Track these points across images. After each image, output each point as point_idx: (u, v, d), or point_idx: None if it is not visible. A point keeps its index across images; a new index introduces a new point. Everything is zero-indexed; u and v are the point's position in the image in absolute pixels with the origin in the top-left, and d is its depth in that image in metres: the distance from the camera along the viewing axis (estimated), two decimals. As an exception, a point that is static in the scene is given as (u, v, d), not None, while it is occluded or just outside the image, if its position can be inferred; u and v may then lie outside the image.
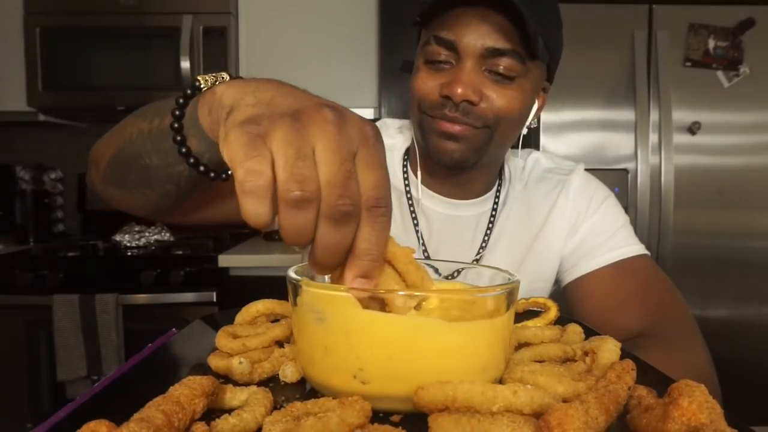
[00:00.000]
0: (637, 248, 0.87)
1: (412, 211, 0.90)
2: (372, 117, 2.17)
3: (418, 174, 0.90)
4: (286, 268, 0.44)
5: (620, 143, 1.93)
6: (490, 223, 0.90)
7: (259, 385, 0.42)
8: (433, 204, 0.90)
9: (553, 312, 0.57)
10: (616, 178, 1.91)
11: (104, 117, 2.22)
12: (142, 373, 0.46)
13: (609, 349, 0.44)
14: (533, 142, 1.91)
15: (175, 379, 0.35)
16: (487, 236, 0.90)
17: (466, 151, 0.79)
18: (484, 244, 0.89)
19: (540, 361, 0.47)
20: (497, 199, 0.92)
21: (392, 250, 0.40)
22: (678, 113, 1.91)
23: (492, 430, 0.31)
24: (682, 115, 1.92)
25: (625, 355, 0.45)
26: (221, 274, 1.91)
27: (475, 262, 0.88)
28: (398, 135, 0.95)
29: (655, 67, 1.90)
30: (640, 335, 0.78)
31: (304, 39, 2.22)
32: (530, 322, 0.56)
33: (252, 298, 0.55)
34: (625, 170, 1.93)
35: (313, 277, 0.43)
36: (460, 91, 0.74)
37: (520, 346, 0.50)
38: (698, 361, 0.76)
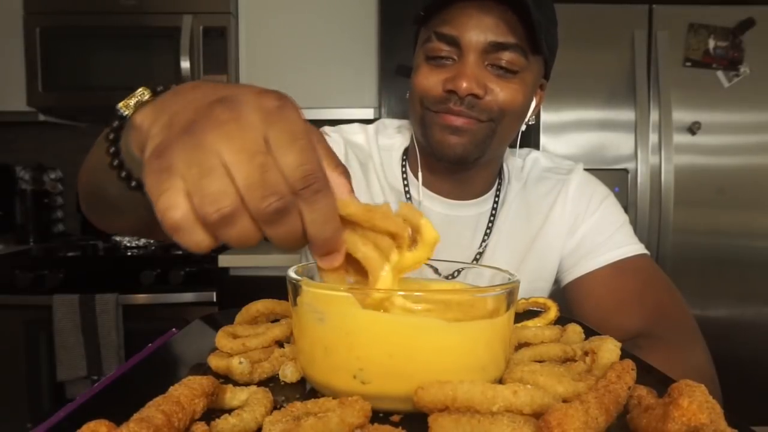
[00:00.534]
0: (636, 248, 0.87)
1: (412, 211, 0.90)
2: (372, 117, 2.17)
3: (419, 175, 0.90)
4: (286, 268, 0.44)
5: (620, 143, 1.93)
6: (490, 223, 0.90)
7: (259, 385, 0.42)
8: (433, 204, 0.90)
9: (553, 312, 0.57)
10: (616, 178, 1.90)
11: (104, 117, 2.21)
12: (142, 373, 0.46)
13: (609, 349, 0.44)
14: (533, 141, 1.91)
15: (175, 379, 0.35)
16: (486, 236, 0.90)
17: (468, 146, 0.78)
18: (484, 244, 0.89)
19: (540, 361, 0.47)
20: (497, 199, 0.92)
21: (350, 211, 0.37)
22: (678, 113, 1.91)
23: (492, 430, 0.31)
24: (682, 115, 1.92)
25: (625, 355, 0.45)
26: (221, 274, 1.91)
27: (474, 262, 0.88)
28: (397, 135, 0.95)
29: (655, 67, 1.90)
30: (640, 335, 0.78)
31: (304, 39, 2.22)
32: (530, 322, 0.56)
33: (252, 298, 0.55)
34: (625, 170, 1.93)
35: (313, 277, 0.43)
36: (465, 85, 0.74)
37: (520, 346, 0.50)
38: (698, 360, 0.76)
